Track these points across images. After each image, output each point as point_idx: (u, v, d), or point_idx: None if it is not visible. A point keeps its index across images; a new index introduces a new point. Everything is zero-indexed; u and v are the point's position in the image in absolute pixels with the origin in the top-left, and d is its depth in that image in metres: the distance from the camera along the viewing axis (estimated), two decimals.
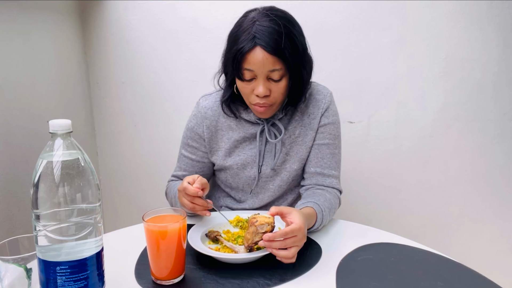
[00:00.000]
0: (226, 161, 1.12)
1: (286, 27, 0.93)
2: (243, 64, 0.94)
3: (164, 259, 0.77)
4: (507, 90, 1.60)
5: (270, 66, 0.93)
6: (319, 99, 1.10)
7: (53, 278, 0.63)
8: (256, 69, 0.94)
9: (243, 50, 0.93)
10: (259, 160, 1.10)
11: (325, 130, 1.10)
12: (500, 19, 1.54)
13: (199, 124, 1.12)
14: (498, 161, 1.66)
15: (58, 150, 0.63)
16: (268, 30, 0.92)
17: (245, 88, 0.99)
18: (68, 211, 0.62)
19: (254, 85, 0.97)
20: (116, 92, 1.68)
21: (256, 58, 0.92)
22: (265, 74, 0.94)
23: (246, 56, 0.93)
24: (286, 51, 0.93)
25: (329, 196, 1.05)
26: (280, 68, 0.94)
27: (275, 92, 0.97)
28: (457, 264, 0.85)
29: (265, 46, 0.91)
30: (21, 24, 1.22)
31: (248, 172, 1.12)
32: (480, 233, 1.73)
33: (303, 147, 1.10)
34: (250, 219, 0.84)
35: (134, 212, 1.76)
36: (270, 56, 0.92)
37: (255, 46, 0.92)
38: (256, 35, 0.92)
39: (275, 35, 0.91)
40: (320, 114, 1.09)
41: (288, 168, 1.11)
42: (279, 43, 0.91)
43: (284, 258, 0.81)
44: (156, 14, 1.59)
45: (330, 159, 1.10)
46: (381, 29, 1.56)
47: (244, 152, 1.11)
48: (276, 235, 0.80)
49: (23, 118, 1.20)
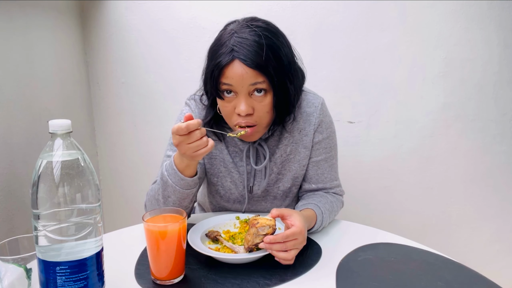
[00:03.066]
0: (221, 171, 1.06)
1: (267, 38, 0.86)
2: (221, 79, 0.87)
3: (164, 259, 0.77)
4: (507, 90, 1.60)
5: (250, 80, 0.85)
6: (310, 113, 1.01)
7: (53, 278, 0.63)
8: (236, 85, 0.86)
9: (220, 65, 0.85)
10: (247, 182, 1.04)
11: (320, 146, 1.04)
12: (500, 19, 1.54)
13: None
14: (498, 161, 1.66)
15: (58, 150, 0.63)
16: (247, 42, 0.84)
17: (226, 107, 0.91)
18: (68, 211, 0.62)
19: (236, 103, 0.89)
20: (116, 92, 1.68)
21: (235, 72, 0.85)
22: (246, 89, 0.87)
23: (224, 71, 0.86)
24: (269, 64, 0.85)
25: (332, 199, 1.05)
26: (262, 81, 0.86)
27: (259, 110, 0.89)
28: (457, 264, 0.85)
29: (243, 60, 0.84)
30: (21, 24, 1.22)
31: (241, 191, 1.07)
32: (480, 233, 1.73)
33: (296, 165, 1.04)
34: (251, 221, 0.84)
35: (134, 212, 1.76)
36: (250, 69, 0.84)
37: (233, 60, 0.84)
38: (234, 47, 0.84)
39: (255, 47, 0.84)
40: (313, 130, 1.02)
41: (281, 187, 1.06)
42: (260, 56, 0.84)
43: (283, 259, 0.81)
44: (156, 14, 1.59)
45: (329, 172, 1.07)
46: (381, 29, 1.56)
47: (237, 169, 1.05)
48: (277, 237, 0.80)
49: (23, 118, 1.20)
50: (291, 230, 0.80)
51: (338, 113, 1.61)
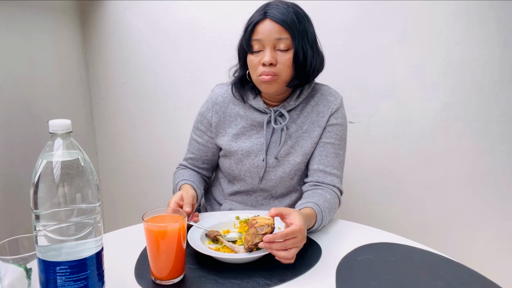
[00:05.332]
0: (232, 146, 1.14)
1: (296, 8, 1.04)
2: (253, 35, 1.04)
3: (164, 259, 0.77)
4: (508, 90, 1.60)
5: (276, 34, 1.01)
6: (330, 100, 1.13)
7: (53, 278, 0.63)
8: (264, 38, 1.02)
9: (253, 21, 1.03)
10: (266, 148, 1.12)
11: (332, 130, 1.12)
12: (500, 19, 1.54)
13: (209, 109, 1.17)
14: (498, 161, 1.66)
15: (58, 150, 0.63)
16: (278, 7, 1.03)
17: (253, 61, 1.05)
18: (68, 211, 0.62)
19: (262, 56, 1.03)
20: (116, 92, 1.68)
21: (265, 28, 1.02)
22: (272, 43, 1.02)
23: (256, 28, 1.03)
24: (293, 25, 1.01)
25: (329, 197, 1.05)
26: (286, 38, 1.01)
27: (281, 63, 1.03)
28: (457, 264, 0.85)
29: (273, 17, 1.01)
30: (21, 24, 1.22)
31: (252, 160, 1.13)
32: (480, 233, 1.73)
33: (309, 142, 1.12)
34: (250, 221, 0.84)
35: (134, 212, 1.76)
36: (277, 25, 1.01)
37: (265, 18, 1.02)
38: (267, 10, 1.03)
39: (284, 10, 1.02)
40: (330, 113, 1.12)
41: (292, 160, 1.12)
42: (286, 16, 1.01)
43: (283, 258, 0.81)
44: (156, 14, 1.59)
45: (333, 158, 1.12)
46: (381, 29, 1.56)
47: (251, 140, 1.13)
48: (276, 236, 0.80)
49: (23, 118, 1.20)
50: (290, 228, 0.81)
51: None
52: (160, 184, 1.74)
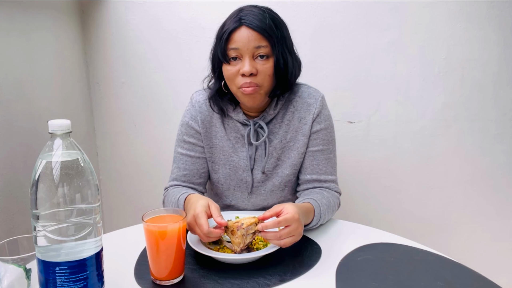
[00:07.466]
0: (220, 159, 1.10)
1: (271, 13, 0.99)
2: (228, 44, 0.96)
3: (164, 260, 0.77)
4: (507, 90, 1.60)
5: (255, 42, 0.95)
6: (310, 103, 1.07)
7: (53, 278, 0.63)
8: (242, 47, 0.95)
9: (228, 29, 0.96)
10: (250, 163, 1.08)
11: (318, 137, 1.08)
12: (500, 19, 1.53)
13: (194, 118, 1.09)
14: (498, 161, 1.66)
15: (58, 150, 0.63)
16: (253, 13, 0.96)
17: (230, 71, 0.98)
18: (68, 212, 0.62)
19: (240, 66, 0.96)
20: (116, 92, 1.68)
21: (241, 36, 0.95)
22: (250, 52, 0.95)
23: (232, 36, 0.96)
24: (271, 31, 0.95)
25: (328, 195, 1.05)
26: (265, 45, 0.95)
27: (262, 72, 0.96)
28: (457, 264, 0.85)
29: (249, 24, 0.94)
30: (21, 23, 1.22)
31: (240, 175, 1.10)
32: (480, 233, 1.73)
33: (295, 152, 1.08)
34: (234, 224, 0.83)
35: (134, 212, 1.76)
36: (255, 33, 0.94)
37: (241, 26, 0.95)
38: (242, 17, 0.96)
39: (260, 16, 0.96)
40: (312, 119, 1.06)
41: (280, 173, 1.09)
42: (264, 22, 0.95)
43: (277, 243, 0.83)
44: (156, 14, 1.59)
45: (325, 164, 1.09)
46: (381, 29, 1.56)
47: (237, 154, 1.09)
48: (268, 224, 0.81)
49: (23, 118, 1.20)
50: (283, 216, 0.81)
51: (338, 113, 1.61)
52: (160, 184, 1.73)
